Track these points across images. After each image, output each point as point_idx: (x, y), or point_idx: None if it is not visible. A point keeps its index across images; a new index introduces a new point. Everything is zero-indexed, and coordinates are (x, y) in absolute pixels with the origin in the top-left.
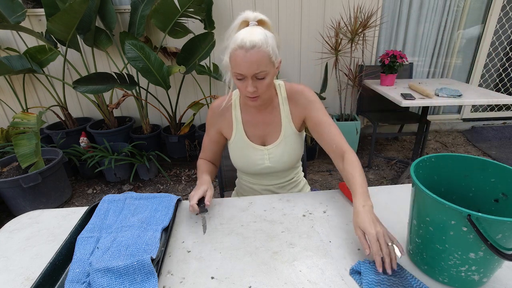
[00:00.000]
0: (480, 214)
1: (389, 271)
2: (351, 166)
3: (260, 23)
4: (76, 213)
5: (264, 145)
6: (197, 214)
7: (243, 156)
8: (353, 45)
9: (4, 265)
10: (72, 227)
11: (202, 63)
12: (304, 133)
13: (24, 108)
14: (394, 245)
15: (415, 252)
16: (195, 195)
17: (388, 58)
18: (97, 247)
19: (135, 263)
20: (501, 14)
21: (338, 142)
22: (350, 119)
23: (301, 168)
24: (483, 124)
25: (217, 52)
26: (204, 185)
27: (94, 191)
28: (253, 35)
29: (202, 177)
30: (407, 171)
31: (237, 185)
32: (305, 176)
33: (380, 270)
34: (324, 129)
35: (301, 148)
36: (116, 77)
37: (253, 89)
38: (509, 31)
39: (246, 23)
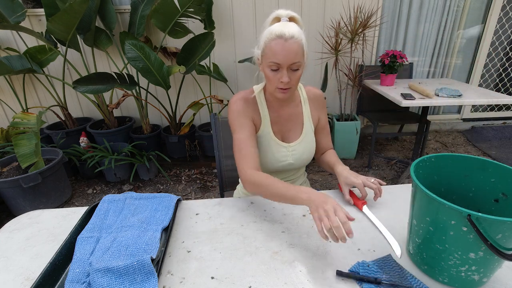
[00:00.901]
0: (480, 214)
1: (379, 196)
2: (332, 152)
3: (291, 20)
4: (76, 213)
5: (283, 141)
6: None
7: (268, 152)
8: (353, 45)
9: (4, 265)
10: (72, 227)
11: (202, 63)
12: None
13: (24, 108)
14: (376, 180)
15: (415, 252)
16: (343, 215)
17: (388, 58)
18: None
19: (135, 263)
20: (501, 14)
21: (329, 144)
22: (350, 119)
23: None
24: (483, 124)
25: (217, 52)
26: (330, 197)
27: (94, 191)
28: (290, 27)
29: (302, 189)
30: (407, 171)
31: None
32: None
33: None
34: (323, 133)
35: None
36: (116, 77)
37: (287, 79)
38: (509, 31)
39: (277, 20)
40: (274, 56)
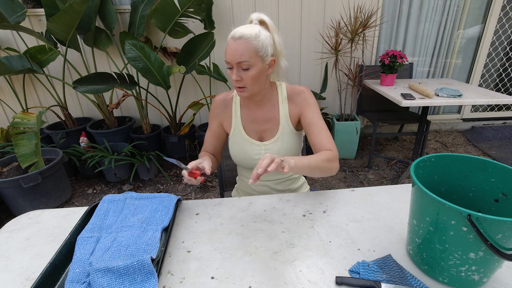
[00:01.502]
0: (480, 214)
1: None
2: (318, 153)
3: (261, 23)
4: (76, 213)
5: (262, 141)
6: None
7: (241, 150)
8: (353, 45)
9: (4, 265)
10: (72, 227)
11: (202, 63)
12: (303, 133)
13: (24, 108)
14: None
15: (415, 252)
16: (190, 163)
17: (388, 58)
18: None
19: (135, 263)
20: (501, 14)
21: (325, 145)
22: (350, 119)
23: None
24: (483, 124)
25: (217, 52)
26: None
27: (94, 191)
28: (246, 29)
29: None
30: (407, 171)
31: (238, 182)
32: (305, 176)
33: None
34: (313, 131)
35: (299, 147)
36: (116, 77)
37: (236, 78)
38: (509, 31)
39: (251, 22)
40: (225, 55)
